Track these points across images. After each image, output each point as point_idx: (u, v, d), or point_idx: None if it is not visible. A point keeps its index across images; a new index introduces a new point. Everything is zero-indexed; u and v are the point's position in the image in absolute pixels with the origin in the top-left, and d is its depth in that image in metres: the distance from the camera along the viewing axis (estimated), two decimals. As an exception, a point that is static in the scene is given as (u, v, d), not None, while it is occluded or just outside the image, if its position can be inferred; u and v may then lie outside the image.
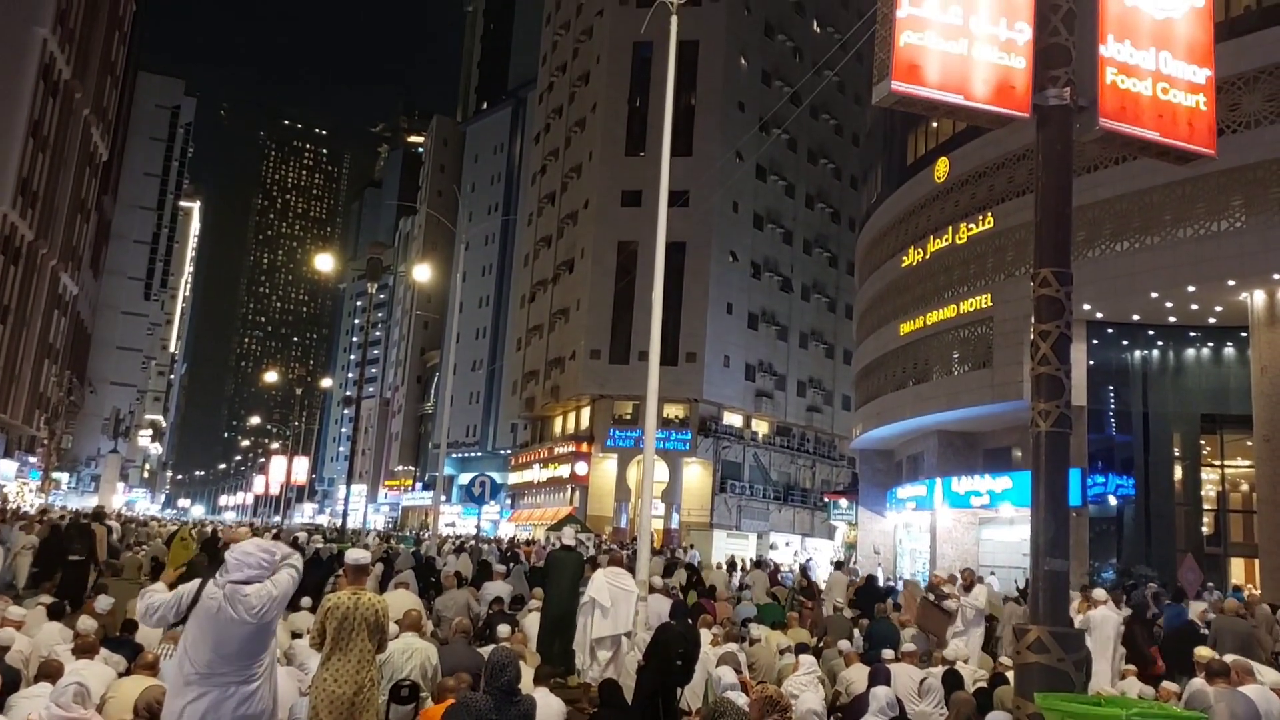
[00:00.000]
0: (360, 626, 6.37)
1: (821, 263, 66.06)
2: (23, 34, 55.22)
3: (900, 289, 35.27)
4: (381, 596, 6.86)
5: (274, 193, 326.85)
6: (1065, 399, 7.47)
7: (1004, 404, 28.52)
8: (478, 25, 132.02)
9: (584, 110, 63.47)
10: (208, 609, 5.24)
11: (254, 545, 5.50)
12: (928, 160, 33.73)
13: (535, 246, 69.12)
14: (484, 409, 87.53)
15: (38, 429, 68.21)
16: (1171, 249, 23.96)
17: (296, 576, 5.59)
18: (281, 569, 5.49)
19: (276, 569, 5.46)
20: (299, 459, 73.30)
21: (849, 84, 64.33)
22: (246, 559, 5.35)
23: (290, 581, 5.51)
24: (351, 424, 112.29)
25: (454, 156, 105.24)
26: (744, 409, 59.55)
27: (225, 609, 5.20)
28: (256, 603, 5.25)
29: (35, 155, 57.55)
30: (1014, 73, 7.78)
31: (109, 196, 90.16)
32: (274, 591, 5.35)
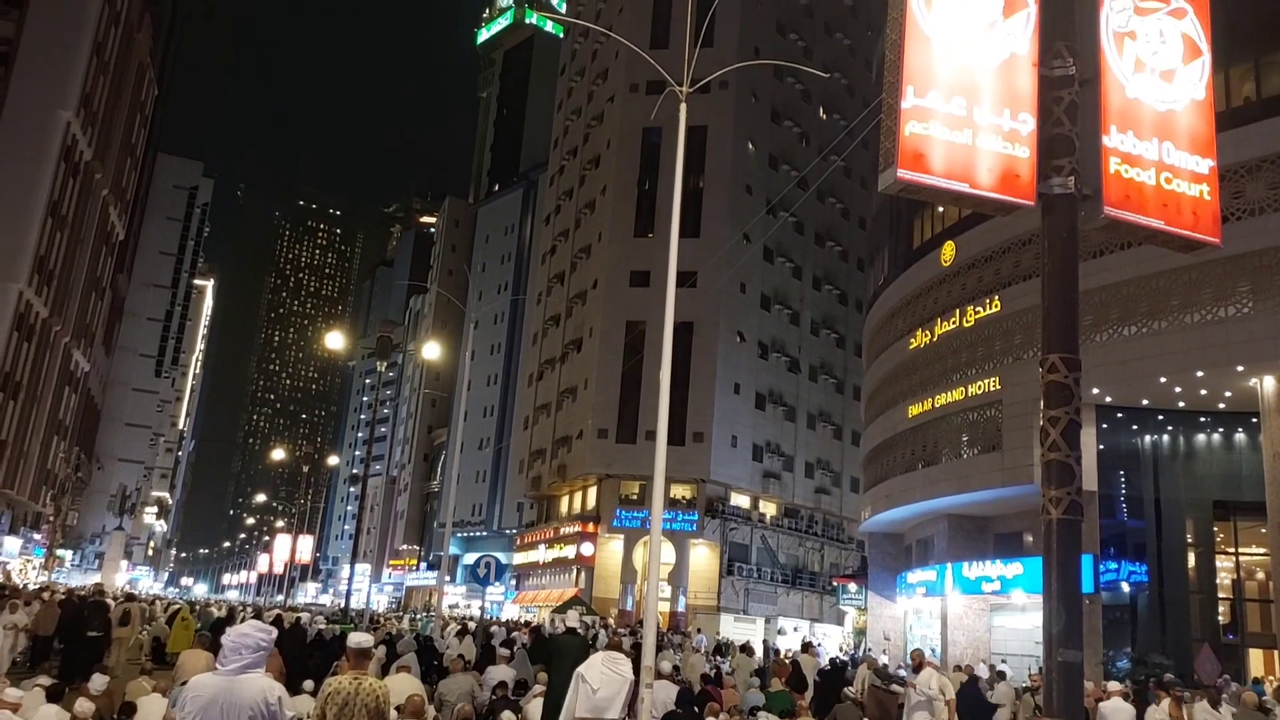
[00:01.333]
0: (360, 713, 6.27)
1: (829, 344, 66.27)
2: (47, 116, 56.65)
3: (908, 371, 35.28)
4: (383, 682, 6.75)
5: (287, 271, 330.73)
6: (1076, 486, 7.40)
7: (1014, 488, 28.27)
8: (491, 110, 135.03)
9: (594, 192, 64.49)
10: (198, 699, 5.16)
11: (251, 626, 5.45)
12: (934, 244, 34.04)
13: (544, 325, 69.57)
14: (490, 488, 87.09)
15: (44, 505, 68.02)
16: (1179, 334, 24.00)
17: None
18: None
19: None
20: (303, 538, 72.79)
21: (855, 169, 65.36)
22: (244, 640, 5.30)
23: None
24: (357, 502, 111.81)
25: (465, 237, 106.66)
26: (751, 490, 59.14)
27: (220, 701, 5.13)
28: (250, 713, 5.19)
29: (53, 234, 58.52)
30: (1018, 162, 7.89)
31: (124, 275, 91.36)
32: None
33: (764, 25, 62.22)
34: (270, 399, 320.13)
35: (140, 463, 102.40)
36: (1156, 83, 8.36)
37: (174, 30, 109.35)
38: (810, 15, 67.23)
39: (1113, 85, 8.10)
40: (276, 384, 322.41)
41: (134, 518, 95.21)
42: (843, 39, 69.53)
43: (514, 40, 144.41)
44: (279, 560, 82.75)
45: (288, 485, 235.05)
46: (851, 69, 68.29)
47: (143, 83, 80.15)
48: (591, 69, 69.09)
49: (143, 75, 79.26)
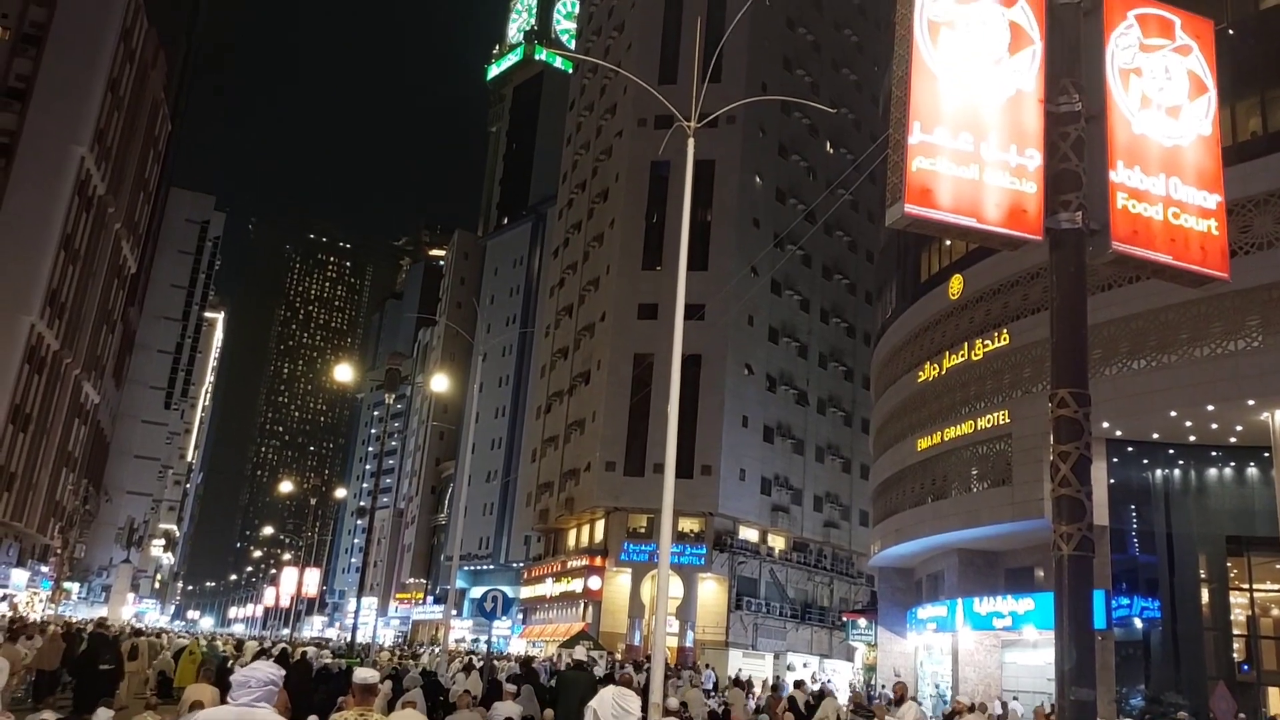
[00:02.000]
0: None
1: (837, 376, 66.21)
2: (61, 152, 57.34)
3: (916, 404, 35.19)
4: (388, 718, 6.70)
5: (297, 304, 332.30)
6: (1087, 522, 7.35)
7: (1025, 522, 28.08)
8: (500, 145, 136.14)
9: (602, 225, 64.81)
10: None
11: (262, 663, 5.42)
12: (941, 277, 34.07)
13: (552, 358, 69.68)
14: (497, 521, 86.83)
15: (51, 538, 68.00)
16: (1189, 368, 23.92)
17: None
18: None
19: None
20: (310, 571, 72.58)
21: (862, 202, 65.60)
22: (254, 674, 5.27)
23: None
24: (364, 535, 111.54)
25: (474, 270, 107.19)
26: (760, 523, 58.86)
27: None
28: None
29: (66, 267, 59.02)
30: (1025, 197, 7.90)
31: (135, 308, 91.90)
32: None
33: (771, 61, 62.76)
34: (279, 431, 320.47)
35: (148, 495, 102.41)
36: (1163, 118, 8.39)
37: (188, 67, 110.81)
38: (817, 51, 67.81)
39: (1119, 121, 8.13)
40: (285, 416, 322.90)
41: (141, 550, 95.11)
42: (849, 75, 70.07)
43: (524, 76, 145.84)
44: (285, 593, 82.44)
45: (295, 518, 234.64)
46: (858, 104, 68.77)
47: (156, 118, 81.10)
48: (600, 104, 69.70)
49: (156, 111, 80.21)
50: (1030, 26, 8.10)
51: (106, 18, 61.96)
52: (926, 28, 7.75)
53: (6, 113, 57.05)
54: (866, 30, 71.40)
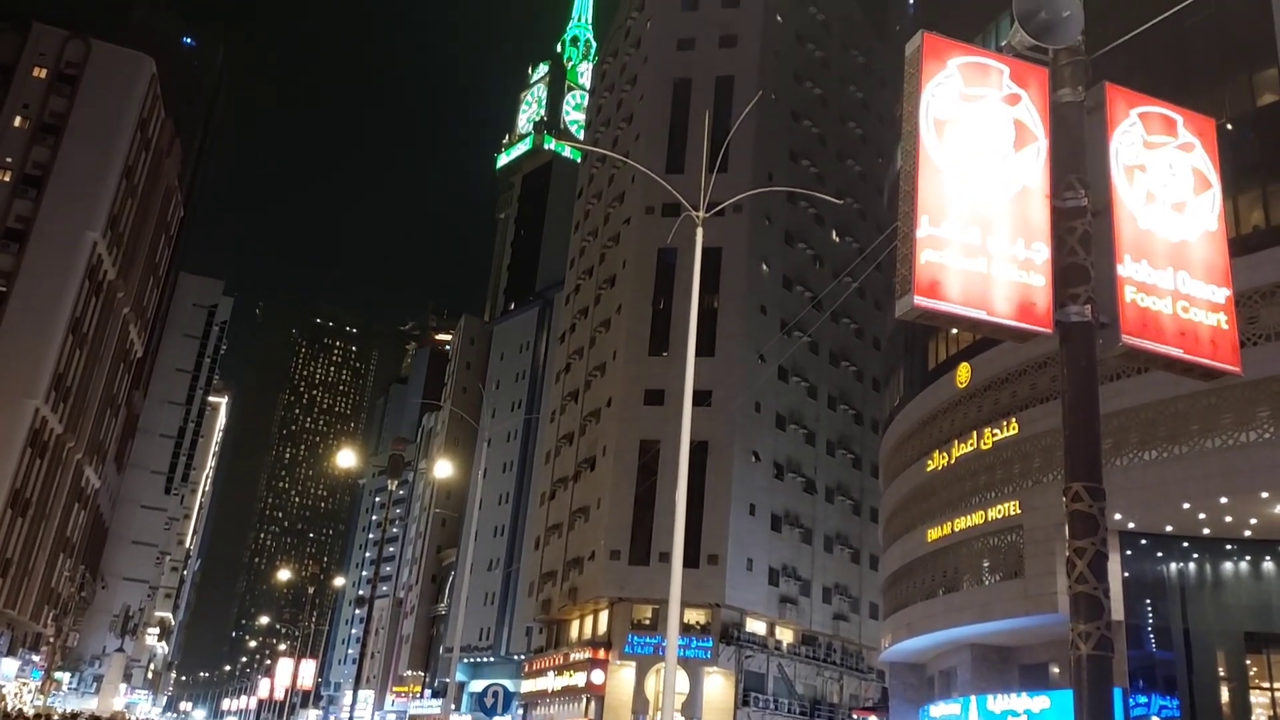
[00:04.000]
0: None
1: (845, 464, 65.73)
2: (75, 236, 58.23)
3: (926, 494, 34.83)
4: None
5: (301, 388, 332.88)
6: (1106, 620, 7.15)
7: (1039, 617, 27.51)
8: (509, 231, 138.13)
9: (609, 311, 65.18)
10: None
11: None
12: (949, 365, 34.05)
13: (557, 444, 69.39)
14: (499, 611, 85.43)
15: (45, 625, 66.97)
16: (1200, 459, 23.69)
17: None
18: None
19: None
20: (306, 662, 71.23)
21: (869, 290, 65.99)
22: None
23: None
24: (362, 624, 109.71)
25: (480, 354, 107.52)
26: (768, 615, 57.77)
27: None
28: None
29: (73, 351, 59.37)
30: (1034, 290, 7.88)
31: (139, 391, 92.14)
32: None
33: (777, 152, 63.88)
34: (278, 517, 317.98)
35: (145, 582, 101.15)
36: (1169, 214, 8.41)
37: (203, 154, 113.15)
38: (823, 143, 69.08)
39: (1125, 216, 8.15)
40: (285, 501, 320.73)
41: (135, 639, 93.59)
42: (854, 165, 71.27)
43: (533, 165, 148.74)
44: (280, 685, 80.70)
45: (292, 607, 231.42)
46: (863, 194, 69.77)
47: (170, 204, 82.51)
48: (609, 192, 70.77)
49: (170, 197, 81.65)
50: (1034, 123, 8.17)
51: (125, 107, 63.49)
52: (932, 124, 7.83)
53: (23, 200, 58.07)
54: (870, 123, 72.83)
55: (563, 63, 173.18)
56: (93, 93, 61.79)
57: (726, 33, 66.26)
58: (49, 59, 62.28)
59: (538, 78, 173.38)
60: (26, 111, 60.57)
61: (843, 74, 73.44)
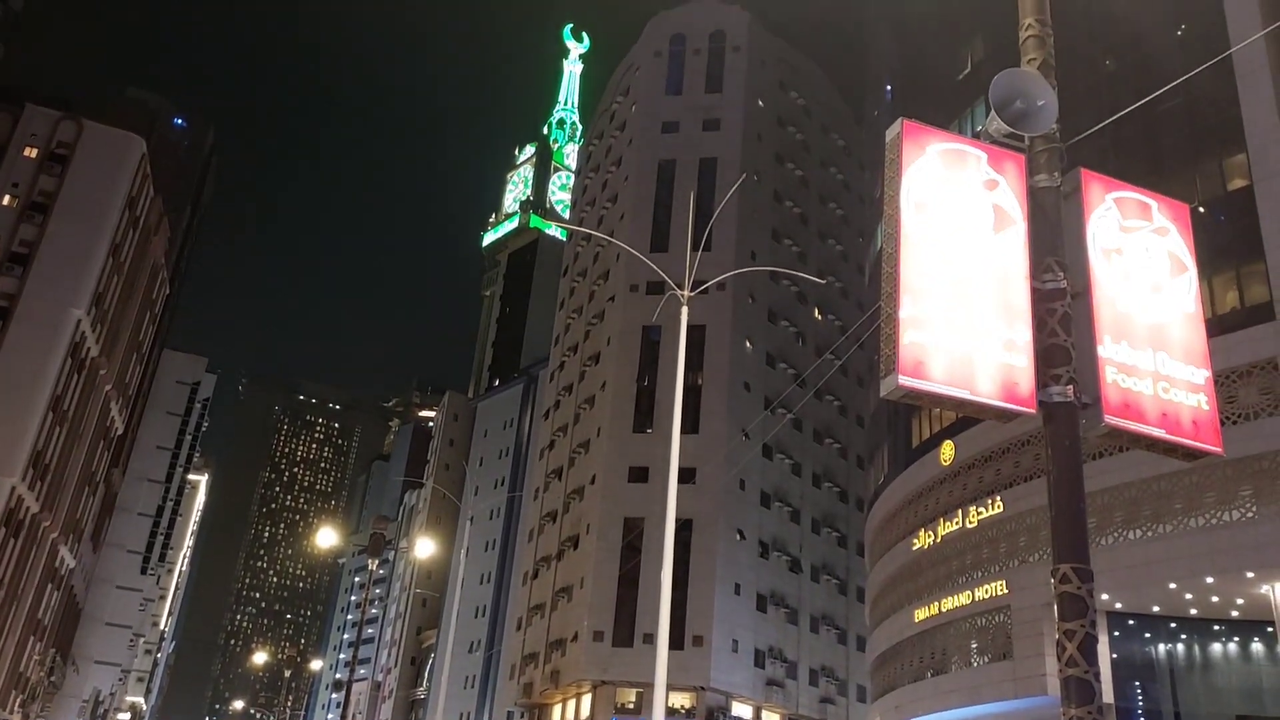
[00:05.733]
0: None
1: (830, 542, 65.27)
2: (58, 314, 58.04)
3: (913, 573, 34.57)
4: None
5: (282, 465, 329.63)
6: (1098, 704, 7.07)
7: (1028, 700, 27.12)
8: (494, 308, 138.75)
9: (594, 388, 65.22)
10: None
11: None
12: (933, 443, 34.11)
13: (541, 521, 68.73)
14: (479, 694, 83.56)
15: (11, 713, 64.95)
16: (1185, 538, 23.67)
17: None
18: None
19: None
20: (282, 747, 69.22)
21: (852, 367, 66.38)
22: None
23: None
24: (340, 709, 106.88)
25: (464, 431, 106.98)
26: (754, 699, 56.69)
27: None
28: None
29: (53, 429, 58.72)
30: (1017, 370, 7.94)
31: (119, 469, 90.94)
32: None
33: (760, 232, 64.80)
34: (255, 597, 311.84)
35: (117, 665, 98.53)
36: (1147, 296, 8.54)
37: (190, 232, 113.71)
38: (804, 223, 70.16)
39: (1103, 298, 8.27)
40: (263, 581, 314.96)
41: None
42: (835, 245, 72.31)
43: (518, 243, 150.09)
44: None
45: (268, 690, 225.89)
46: (845, 272, 70.62)
47: (155, 282, 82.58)
48: (593, 270, 71.38)
49: (156, 275, 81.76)
50: (1013, 207, 8.33)
51: (114, 186, 63.87)
52: (913, 206, 7.97)
53: (8, 277, 58.02)
54: (851, 204, 74.08)
55: (549, 144, 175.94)
56: (83, 172, 62.19)
57: (709, 116, 67.70)
58: (40, 139, 62.80)
59: (524, 159, 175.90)
60: (15, 190, 60.85)
61: (823, 156, 74.94)
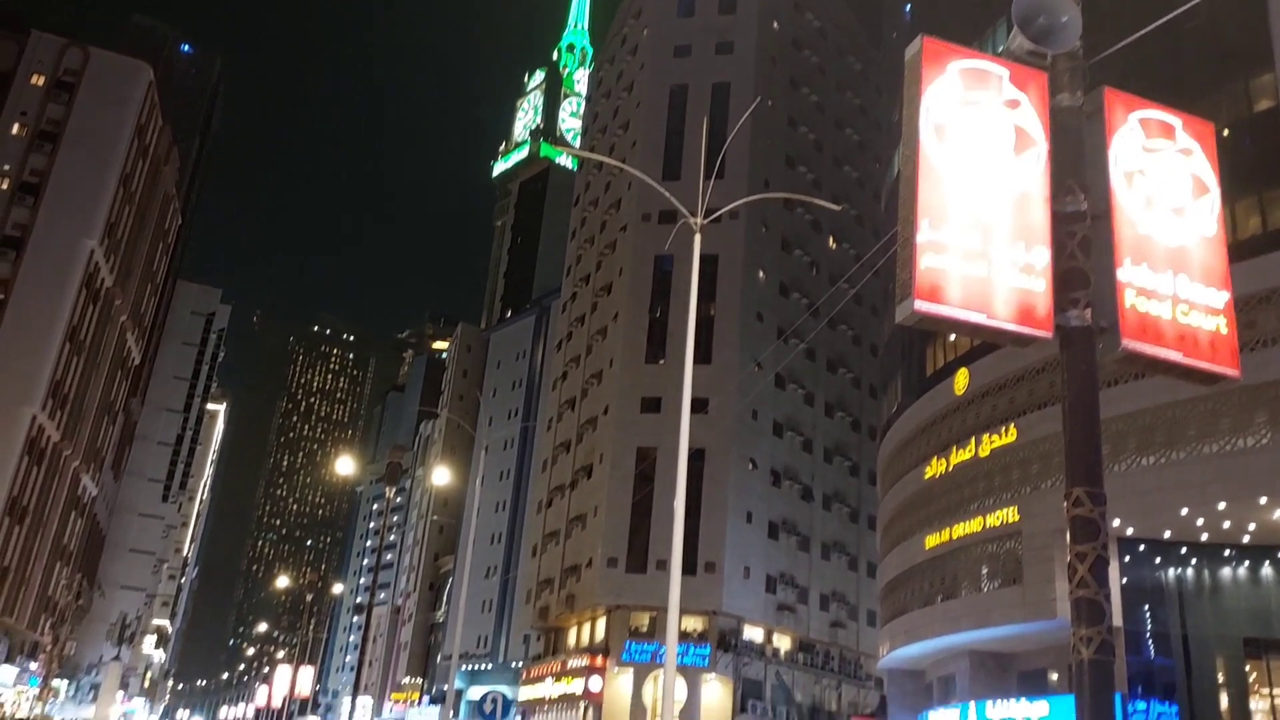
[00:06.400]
0: None
1: (842, 471, 65.69)
2: (72, 245, 58.13)
3: (924, 501, 34.81)
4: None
5: (299, 396, 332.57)
6: (1107, 624, 7.13)
7: (1037, 623, 27.48)
8: (506, 238, 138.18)
9: (606, 319, 65.18)
10: None
11: None
12: (947, 372, 34.06)
13: (554, 451, 69.30)
14: (496, 618, 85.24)
15: (42, 634, 66.74)
16: (1198, 464, 23.69)
17: None
18: None
19: None
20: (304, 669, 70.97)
21: (866, 296, 66.05)
22: None
23: None
24: (360, 632, 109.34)
25: (477, 362, 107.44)
26: (765, 622, 57.68)
27: None
28: None
29: (70, 359, 59.23)
30: (1035, 295, 7.87)
31: (137, 399, 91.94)
32: None
33: (774, 159, 63.96)
34: (276, 524, 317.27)
35: (142, 590, 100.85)
36: (1168, 218, 8.41)
37: (200, 162, 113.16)
38: (819, 150, 69.19)
39: (1124, 221, 8.15)
40: (283, 509, 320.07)
41: (133, 647, 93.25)
42: (851, 172, 71.36)
43: (529, 172, 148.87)
44: (279, 693, 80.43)
45: (290, 614, 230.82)
46: (860, 200, 69.83)
47: (167, 212, 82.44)
48: (605, 199, 70.82)
49: (168, 205, 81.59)
50: (1034, 128, 8.16)
51: (122, 115, 63.43)
52: (932, 128, 7.81)
53: (20, 208, 58.00)
54: (867, 129, 72.98)
55: (559, 70, 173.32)
56: (90, 100, 61.75)
57: (723, 39, 66.38)
58: (47, 67, 62.26)
59: (534, 85, 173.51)
60: (24, 119, 60.55)
61: (839, 80, 73.59)
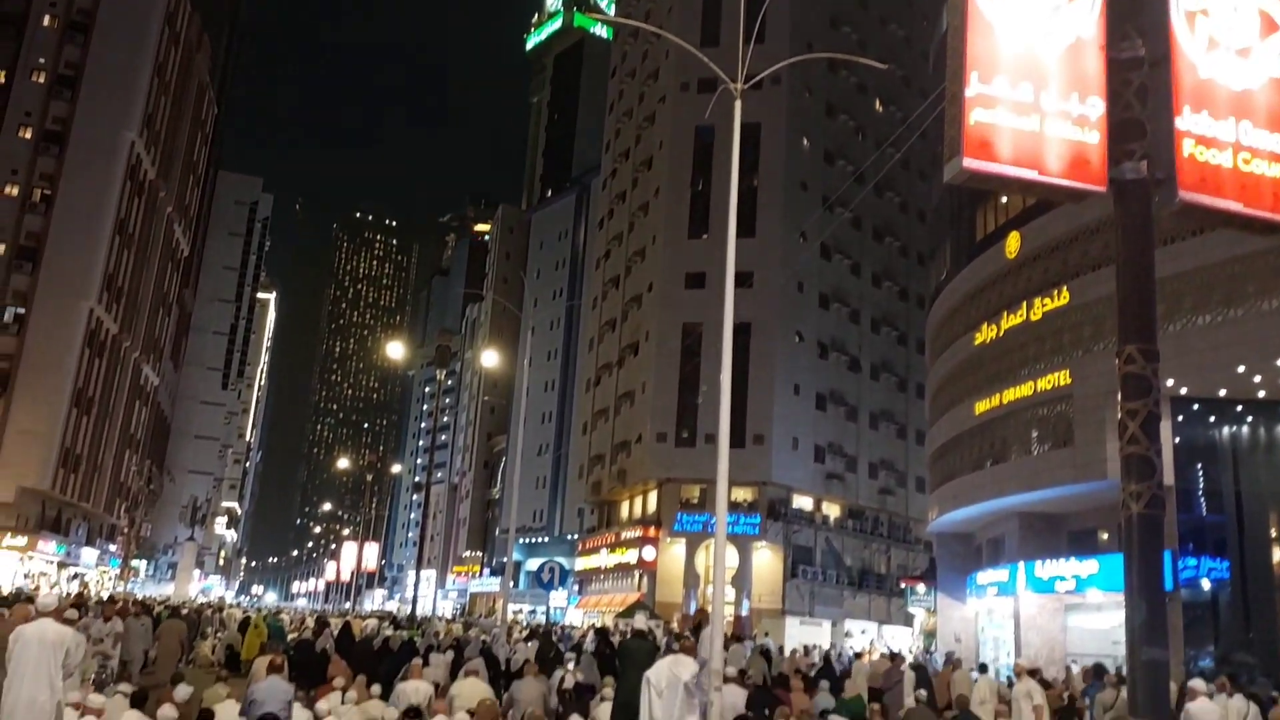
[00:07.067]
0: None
1: (890, 341, 65.39)
2: (112, 137, 58.30)
3: (973, 367, 34.65)
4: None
5: (346, 283, 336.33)
6: (1157, 480, 7.16)
7: (1087, 484, 27.57)
8: (543, 115, 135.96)
9: (647, 194, 64.44)
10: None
11: None
12: (998, 235, 33.39)
13: (600, 330, 69.67)
14: (550, 494, 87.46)
15: (118, 517, 69.88)
16: (1256, 321, 23.21)
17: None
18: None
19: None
20: (369, 545, 73.93)
21: (913, 161, 64.32)
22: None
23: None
24: (420, 509, 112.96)
25: (519, 244, 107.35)
26: (814, 492, 58.57)
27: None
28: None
29: (121, 252, 60.17)
30: (1088, 147, 7.64)
31: (189, 290, 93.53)
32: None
33: (817, 19, 61.58)
34: (333, 409, 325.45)
35: (210, 474, 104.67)
36: (1232, 60, 8.04)
37: (231, 50, 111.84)
38: (864, 7, 66.46)
39: (1184, 65, 7.81)
40: (339, 394, 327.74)
41: (205, 528, 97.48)
42: (897, 30, 68.52)
43: (564, 44, 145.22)
44: (346, 568, 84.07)
45: (352, 494, 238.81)
46: (907, 59, 67.21)
47: (203, 101, 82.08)
48: (642, 69, 69.05)
49: (202, 94, 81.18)
50: (1089, -30, 7.80)
51: (151, 3, 62.62)
52: (982, -26, 7.50)
53: (58, 101, 58.08)
54: (912, -15, 69.86)
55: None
56: (118, -13, 60.98)
57: (761, -107, 63.26)
58: (72, -44, 61.35)
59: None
60: (54, 10, 60.07)
61: (883, -67, 70.12)
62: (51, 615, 9.49)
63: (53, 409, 53.50)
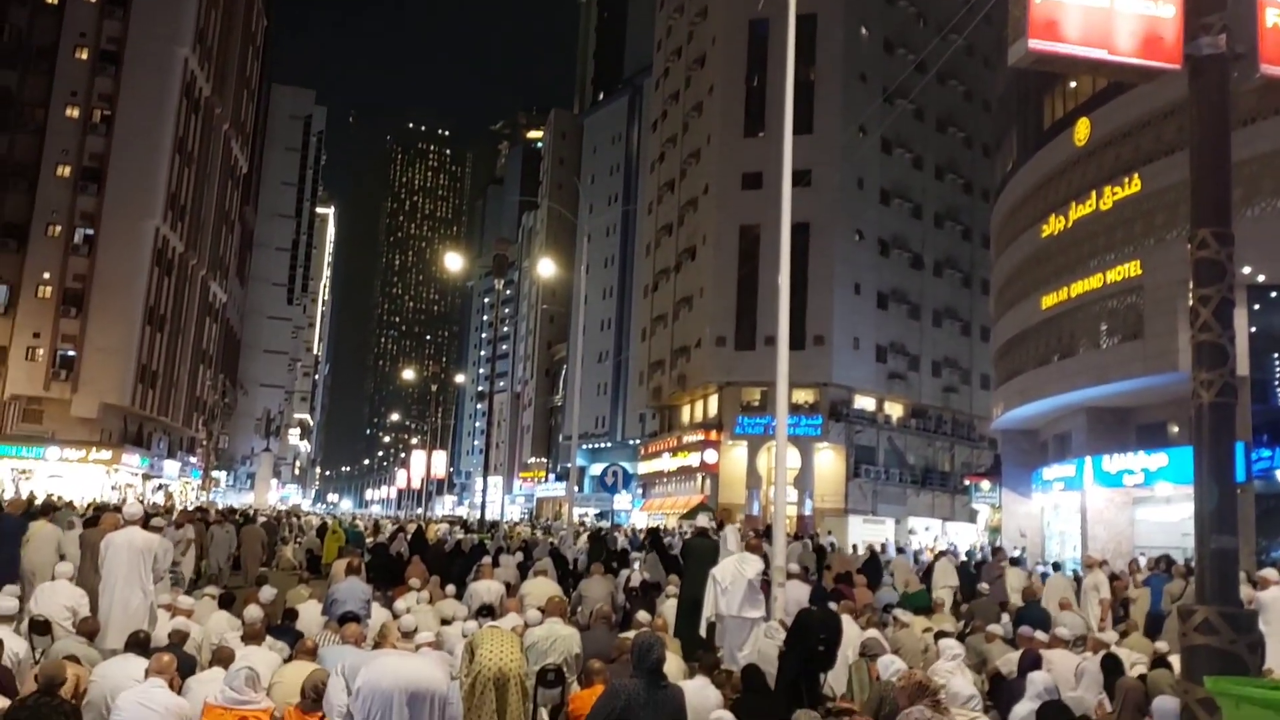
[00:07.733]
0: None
1: (954, 236, 64.03)
2: (166, 54, 58.51)
3: (1041, 260, 33.87)
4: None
5: (402, 195, 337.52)
6: (1229, 367, 6.99)
7: (1158, 376, 27.05)
8: (591, 16, 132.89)
9: (701, 93, 63.17)
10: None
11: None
12: (1066, 122, 32.23)
13: (656, 235, 69.25)
14: (612, 400, 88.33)
15: (196, 430, 72.37)
16: (1340, 204, 22.26)
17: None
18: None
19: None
20: (437, 453, 75.69)
21: (978, 47, 61.75)
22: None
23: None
24: (485, 418, 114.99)
25: (573, 149, 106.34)
26: (876, 391, 58.33)
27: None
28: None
29: (182, 170, 60.96)
30: (1162, 22, 7.30)
31: (250, 207, 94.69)
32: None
33: (872, -98, 58.95)
34: (395, 321, 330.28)
35: (280, 387, 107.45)
36: (1323, -83, 7.54)
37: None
38: (922, -113, 63.42)
39: (1270, -73, 7.35)
40: (400, 306, 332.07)
41: (279, 439, 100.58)
42: (958, -91, 65.40)
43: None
44: (416, 475, 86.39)
45: (419, 404, 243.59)
46: (968, -58, 64.31)
47: (253, 14, 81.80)
48: (693, -38, 66.95)
49: (251, 6, 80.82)
50: None
51: (196, -83, 61.98)
52: None
53: (111, 20, 58.27)
54: None
55: None
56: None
57: None
58: None
59: None
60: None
61: None
62: (138, 523, 9.95)
63: (127, 327, 55.08)
